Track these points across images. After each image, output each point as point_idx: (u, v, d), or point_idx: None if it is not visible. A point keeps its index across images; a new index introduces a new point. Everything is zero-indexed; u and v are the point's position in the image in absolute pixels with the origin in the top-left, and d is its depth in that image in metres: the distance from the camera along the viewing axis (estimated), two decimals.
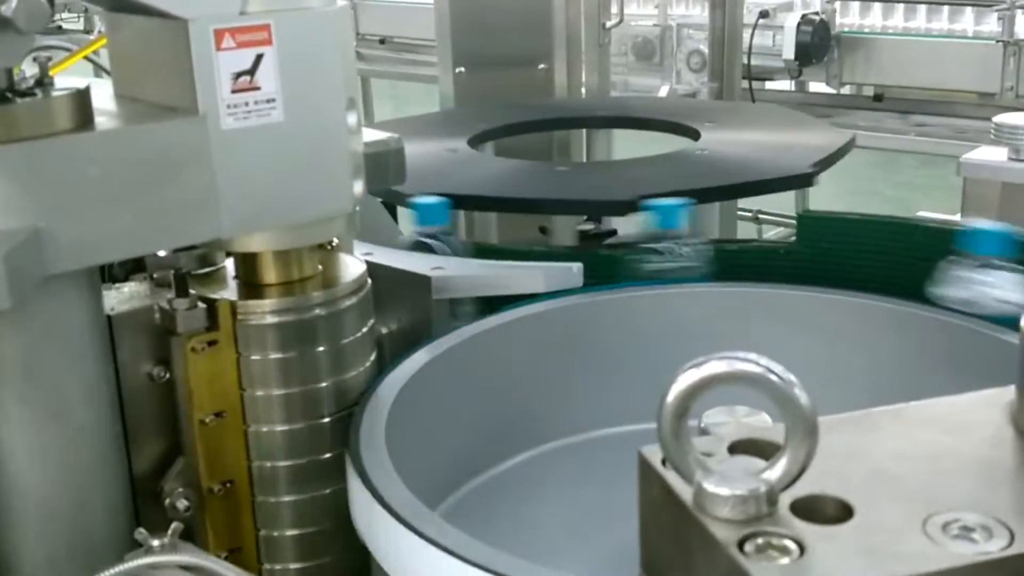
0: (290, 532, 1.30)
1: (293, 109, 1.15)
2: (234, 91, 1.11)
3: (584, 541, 1.34)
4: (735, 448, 0.69)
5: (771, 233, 4.79)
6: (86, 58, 1.95)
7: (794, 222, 4.68)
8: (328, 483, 1.29)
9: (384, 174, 1.30)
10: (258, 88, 1.13)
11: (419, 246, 1.63)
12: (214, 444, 1.25)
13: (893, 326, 1.50)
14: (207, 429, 1.24)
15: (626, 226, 2.45)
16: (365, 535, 1.14)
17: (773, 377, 0.61)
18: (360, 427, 1.22)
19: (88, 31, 5.39)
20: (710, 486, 0.61)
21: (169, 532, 1.07)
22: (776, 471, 0.61)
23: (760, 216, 4.90)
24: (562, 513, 1.40)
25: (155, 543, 1.06)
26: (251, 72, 1.12)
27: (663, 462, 0.66)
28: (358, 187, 1.24)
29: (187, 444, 1.24)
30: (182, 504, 1.21)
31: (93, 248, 1.07)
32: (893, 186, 6.98)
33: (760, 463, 0.64)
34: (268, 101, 1.13)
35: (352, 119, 1.21)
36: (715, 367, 0.62)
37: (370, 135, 1.29)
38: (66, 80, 1.12)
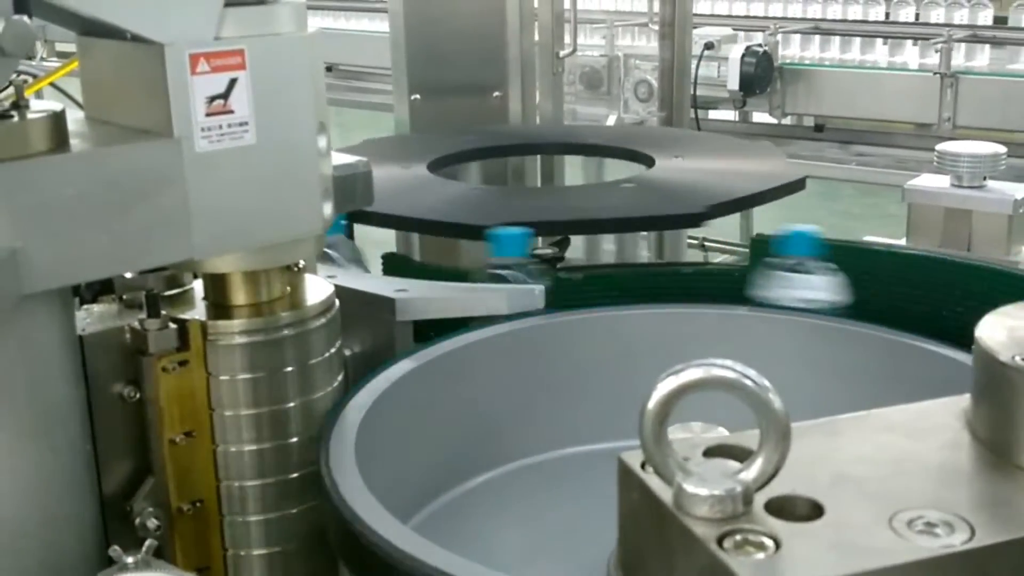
0: (258, 551, 1.31)
1: (265, 132, 1.17)
2: (208, 114, 1.13)
3: (550, 558, 1.37)
4: (709, 453, 0.72)
5: (717, 259, 4.87)
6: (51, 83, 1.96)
7: (738, 249, 4.75)
8: (296, 503, 1.31)
9: (352, 196, 1.32)
10: (231, 111, 1.15)
11: (494, 278, 1.64)
12: (184, 464, 1.25)
13: (842, 344, 1.55)
14: (177, 449, 1.25)
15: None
16: (340, 555, 1.15)
17: (748, 382, 0.65)
18: (329, 446, 1.23)
19: (43, 59, 5.36)
20: (689, 487, 0.64)
21: (143, 550, 1.07)
22: (752, 472, 0.65)
23: (706, 243, 4.98)
24: (528, 531, 1.42)
25: (129, 560, 1.06)
26: (225, 96, 1.14)
27: (642, 466, 0.70)
28: (327, 209, 1.27)
29: (157, 464, 1.24)
30: (152, 523, 1.22)
31: (69, 268, 1.08)
32: (833, 214, 7.11)
33: (735, 465, 0.67)
34: (241, 124, 1.16)
35: (322, 142, 1.23)
36: (693, 374, 0.66)
37: (338, 158, 1.32)
38: (41, 103, 1.13)
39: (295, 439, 1.30)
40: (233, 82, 1.14)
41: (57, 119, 1.10)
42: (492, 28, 3.00)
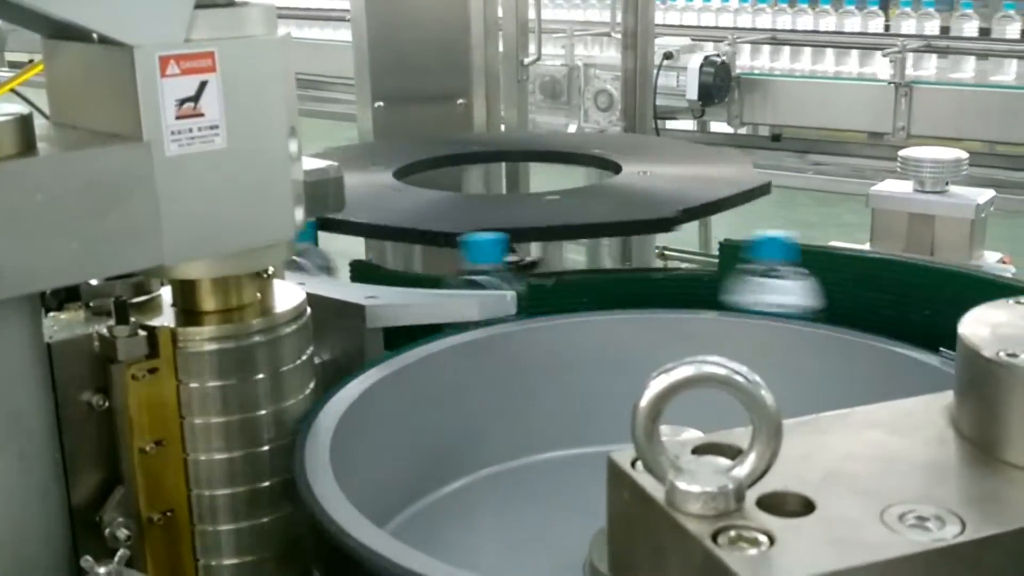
0: (229, 561, 1.29)
1: (236, 136, 1.16)
2: (178, 117, 1.11)
3: (524, 563, 1.36)
4: (698, 451, 0.72)
5: (681, 267, 4.89)
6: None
7: (698, 257, 4.79)
8: (267, 512, 1.29)
9: (324, 202, 1.31)
10: (202, 115, 1.13)
11: (469, 284, 1.63)
12: (154, 473, 1.23)
13: (808, 347, 1.56)
14: (147, 458, 1.22)
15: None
16: (316, 562, 1.14)
17: (739, 379, 0.65)
18: (304, 453, 1.22)
19: None
20: (682, 484, 0.64)
21: (116, 560, 1.06)
22: (744, 468, 0.65)
23: (666, 252, 5.01)
24: (502, 536, 1.42)
25: (101, 571, 1.05)
26: (195, 99, 1.12)
27: (632, 465, 0.69)
28: (299, 214, 1.25)
29: (126, 473, 1.22)
30: (122, 534, 1.19)
31: (38, 274, 1.06)
32: (789, 223, 7.18)
33: (726, 462, 0.67)
34: (212, 128, 1.14)
35: (294, 146, 1.22)
36: (684, 371, 0.66)
37: (309, 163, 1.31)
38: (6, 106, 1.11)
39: (267, 447, 1.29)
40: (203, 85, 1.12)
41: (24, 123, 1.08)
42: (456, 36, 3.00)
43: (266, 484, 1.29)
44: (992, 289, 1.53)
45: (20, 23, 1.18)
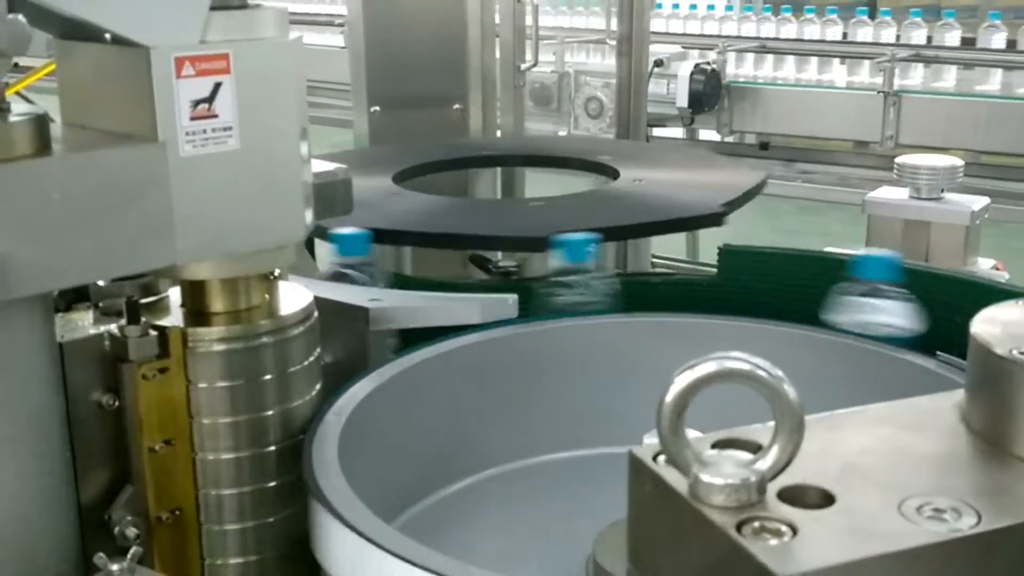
0: (234, 560, 1.30)
1: (249, 137, 1.17)
2: (193, 118, 1.13)
3: (527, 563, 1.38)
4: (716, 446, 0.73)
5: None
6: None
7: (685, 265, 4.80)
8: (273, 511, 1.30)
9: (332, 204, 1.32)
10: (216, 116, 1.14)
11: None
12: (163, 472, 1.24)
13: (805, 351, 1.58)
14: (156, 457, 1.23)
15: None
16: (325, 560, 1.15)
17: (763, 373, 0.66)
18: (312, 453, 1.23)
19: None
20: (706, 477, 0.66)
21: (128, 557, 1.06)
22: (767, 461, 0.66)
23: (654, 259, 5.02)
24: (504, 537, 1.43)
25: (114, 568, 1.05)
26: (209, 100, 1.13)
27: (654, 459, 0.71)
28: (308, 216, 1.27)
29: (136, 472, 1.23)
30: (131, 533, 1.20)
31: (54, 273, 1.06)
32: (773, 231, 7.20)
33: (748, 456, 0.68)
34: (225, 129, 1.15)
35: (304, 148, 1.23)
36: (708, 367, 0.67)
37: (318, 165, 1.32)
38: (22, 106, 1.12)
39: (273, 447, 1.30)
40: (218, 86, 1.14)
41: (40, 122, 1.09)
42: (453, 41, 3.01)
43: (273, 484, 1.30)
44: (988, 294, 1.55)
45: (34, 23, 1.18)
